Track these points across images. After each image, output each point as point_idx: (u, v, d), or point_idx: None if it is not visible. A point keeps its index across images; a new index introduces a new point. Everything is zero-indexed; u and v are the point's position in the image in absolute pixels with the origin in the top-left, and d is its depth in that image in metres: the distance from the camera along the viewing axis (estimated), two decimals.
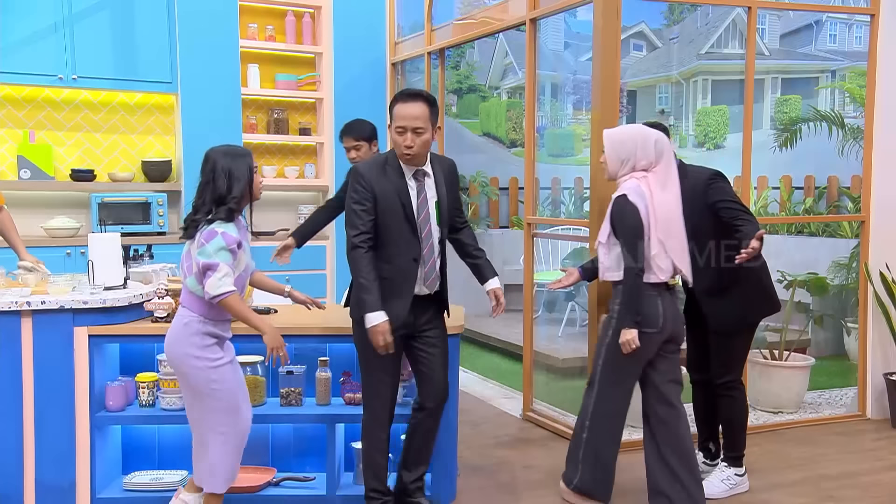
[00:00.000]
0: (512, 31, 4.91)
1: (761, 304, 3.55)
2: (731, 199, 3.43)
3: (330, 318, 3.68)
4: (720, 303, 3.48)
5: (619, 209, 3.12)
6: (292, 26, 6.05)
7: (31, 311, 3.17)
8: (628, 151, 3.18)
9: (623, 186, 3.18)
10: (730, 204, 3.40)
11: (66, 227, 5.23)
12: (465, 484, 3.60)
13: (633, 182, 3.16)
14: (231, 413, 2.87)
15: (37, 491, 3.22)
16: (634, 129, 3.23)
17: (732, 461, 3.62)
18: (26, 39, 5.09)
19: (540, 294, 6.12)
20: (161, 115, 5.79)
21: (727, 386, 3.57)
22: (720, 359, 3.57)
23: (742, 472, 3.62)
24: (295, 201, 6.18)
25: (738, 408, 3.59)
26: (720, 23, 11.83)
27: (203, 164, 2.92)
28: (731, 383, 3.56)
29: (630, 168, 3.19)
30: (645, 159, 3.17)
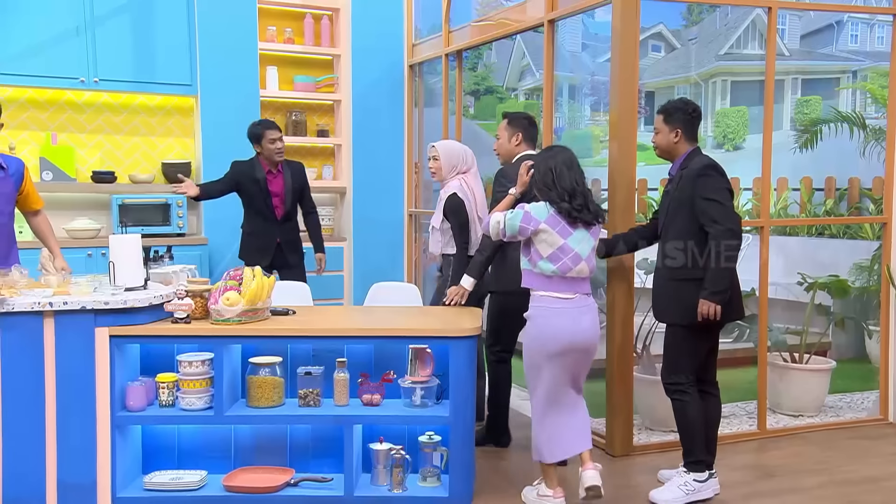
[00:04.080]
0: (529, 33, 4.90)
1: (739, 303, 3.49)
2: (716, 198, 3.34)
3: (348, 320, 3.70)
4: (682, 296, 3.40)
5: (453, 203, 3.99)
6: (311, 28, 6.07)
7: (54, 312, 3.21)
8: (457, 159, 4.07)
9: (450, 185, 4.04)
10: (712, 206, 3.33)
11: (88, 228, 5.28)
12: (483, 486, 3.60)
13: (456, 181, 4.05)
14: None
15: (58, 490, 3.25)
16: (459, 144, 4.24)
17: (691, 466, 3.49)
18: (49, 42, 5.15)
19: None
20: (181, 117, 5.84)
21: (672, 388, 3.50)
22: (668, 355, 3.52)
23: (704, 477, 3.48)
24: None
25: (689, 412, 3.46)
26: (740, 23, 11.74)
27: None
28: (678, 385, 3.48)
29: (456, 171, 4.07)
30: (465, 165, 4.09)
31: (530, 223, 3.23)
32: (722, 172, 3.41)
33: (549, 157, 3.33)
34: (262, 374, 3.42)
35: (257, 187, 4.73)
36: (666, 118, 3.52)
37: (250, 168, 4.76)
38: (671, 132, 3.51)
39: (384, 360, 3.62)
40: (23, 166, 3.75)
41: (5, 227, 3.68)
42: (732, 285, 3.43)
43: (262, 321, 3.44)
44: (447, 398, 3.44)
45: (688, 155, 3.50)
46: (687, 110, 3.51)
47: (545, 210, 3.24)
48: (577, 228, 3.25)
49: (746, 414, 4.74)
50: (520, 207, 3.30)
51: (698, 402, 3.49)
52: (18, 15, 5.06)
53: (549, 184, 3.26)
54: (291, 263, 4.82)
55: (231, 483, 3.39)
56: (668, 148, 3.54)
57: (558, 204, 3.23)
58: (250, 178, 4.74)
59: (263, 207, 4.76)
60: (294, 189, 4.82)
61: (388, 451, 3.41)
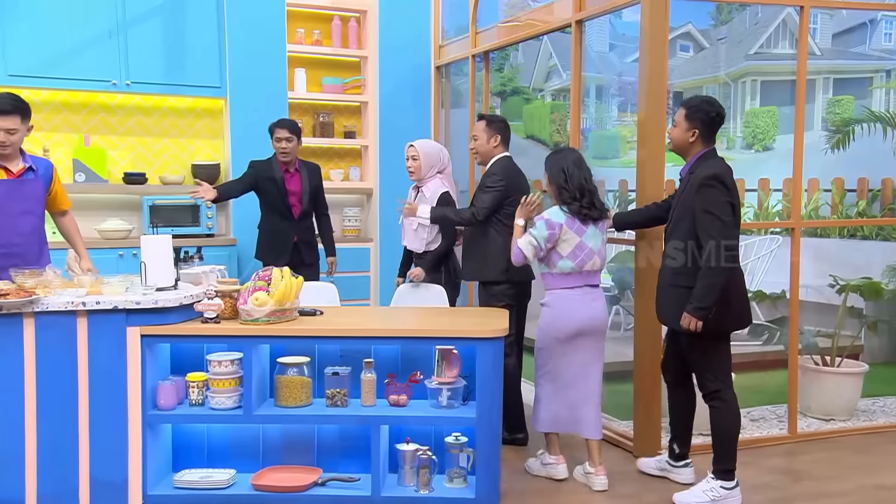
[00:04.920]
0: (556, 33, 4.89)
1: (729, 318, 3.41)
2: (713, 212, 3.29)
3: (375, 320, 3.71)
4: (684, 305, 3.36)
5: (446, 201, 4.25)
6: (338, 30, 6.11)
7: (87, 312, 3.26)
8: (435, 158, 4.31)
9: (433, 184, 4.28)
10: (708, 220, 3.29)
11: (119, 229, 5.36)
12: (509, 488, 3.60)
13: (437, 181, 4.30)
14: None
15: (91, 487, 3.30)
16: (437, 144, 4.47)
17: (720, 474, 3.44)
18: (82, 46, 5.23)
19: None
20: (210, 119, 5.90)
21: (710, 396, 3.47)
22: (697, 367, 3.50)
23: (731, 485, 3.43)
24: (340, 204, 6.24)
25: (724, 420, 3.43)
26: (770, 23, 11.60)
27: None
28: (715, 393, 3.44)
29: (434, 171, 4.29)
30: (441, 164, 4.32)
31: (555, 228, 3.51)
32: (727, 183, 3.33)
33: (559, 158, 3.61)
34: (290, 374, 3.45)
35: (274, 186, 4.78)
36: (688, 114, 3.45)
37: (268, 167, 4.82)
38: (689, 130, 3.45)
39: (411, 360, 3.63)
40: (52, 167, 3.82)
41: (37, 228, 3.74)
42: (738, 295, 3.39)
43: (290, 321, 3.46)
44: (474, 399, 3.45)
45: (700, 157, 3.44)
46: (710, 112, 3.43)
47: (561, 213, 3.53)
48: (588, 225, 3.55)
49: (776, 417, 4.69)
50: (538, 219, 3.56)
51: (735, 408, 3.45)
52: (52, 19, 5.15)
53: (561, 184, 3.55)
54: (307, 262, 4.86)
55: (259, 482, 3.41)
56: (682, 144, 3.49)
57: (570, 204, 3.53)
58: (267, 177, 4.79)
59: (281, 206, 4.81)
60: (311, 188, 4.86)
61: (415, 452, 3.42)
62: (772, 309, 5.56)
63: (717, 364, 3.45)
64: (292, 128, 4.77)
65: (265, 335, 3.37)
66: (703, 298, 3.29)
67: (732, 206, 3.34)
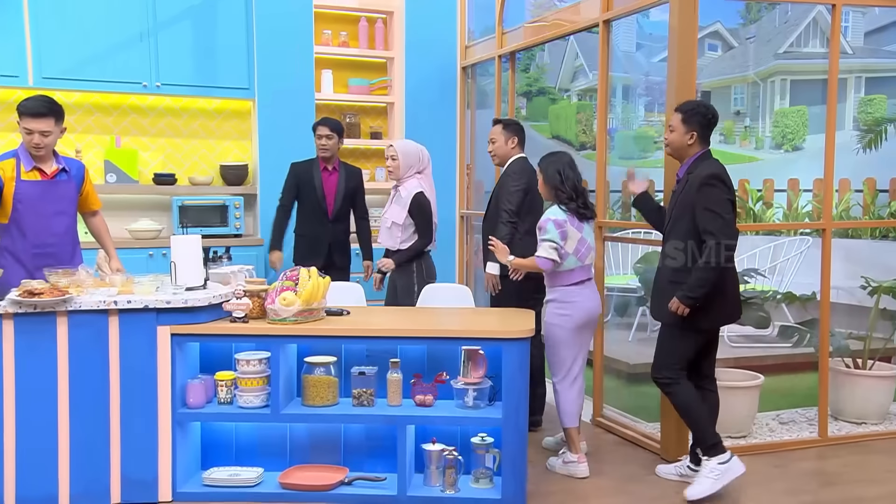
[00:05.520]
0: (583, 33, 4.87)
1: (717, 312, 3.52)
2: (713, 213, 3.38)
3: (401, 320, 3.72)
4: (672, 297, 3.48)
5: (420, 201, 4.28)
6: (365, 32, 6.13)
7: (118, 311, 3.31)
8: (414, 159, 4.34)
9: (410, 184, 4.31)
10: (709, 217, 3.38)
11: (149, 229, 5.42)
12: (535, 489, 3.59)
13: (415, 181, 4.32)
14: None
15: (122, 484, 3.35)
16: (417, 144, 4.42)
17: (709, 452, 3.54)
18: (114, 48, 5.31)
19: (610, 299, 6.05)
20: (238, 120, 5.95)
21: (661, 382, 3.60)
22: (658, 352, 3.62)
23: (726, 457, 3.52)
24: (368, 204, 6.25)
25: (683, 398, 3.55)
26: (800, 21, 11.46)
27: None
28: (667, 379, 3.57)
29: (413, 171, 4.32)
30: (421, 165, 4.36)
31: (562, 225, 3.68)
32: (727, 182, 3.44)
33: (554, 161, 3.80)
34: (318, 374, 3.47)
35: (311, 185, 4.85)
36: (684, 118, 3.55)
37: (307, 166, 4.92)
38: (686, 133, 3.54)
39: (437, 361, 3.64)
40: (83, 168, 3.87)
41: (70, 229, 3.80)
42: (727, 289, 3.49)
43: (317, 321, 3.49)
44: (499, 400, 3.45)
45: (697, 158, 3.53)
46: (707, 115, 3.53)
47: (561, 212, 3.71)
48: (583, 223, 3.75)
49: (807, 420, 4.63)
50: (544, 222, 3.71)
51: (690, 388, 3.57)
52: (84, 22, 5.22)
53: (557, 185, 3.73)
54: (338, 265, 4.88)
55: (287, 480, 3.44)
56: (680, 147, 3.58)
57: (567, 203, 3.72)
58: (306, 177, 4.89)
59: (315, 206, 4.86)
60: (346, 190, 4.89)
61: (441, 452, 3.42)
62: (802, 311, 5.49)
63: (684, 355, 3.57)
64: (333, 126, 4.86)
65: (292, 335, 3.40)
66: (695, 289, 3.41)
67: (732, 204, 3.44)
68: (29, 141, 3.59)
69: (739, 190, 8.04)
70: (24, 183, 3.63)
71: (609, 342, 4.62)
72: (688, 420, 3.59)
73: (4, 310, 3.17)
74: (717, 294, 3.46)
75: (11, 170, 3.62)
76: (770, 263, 6.22)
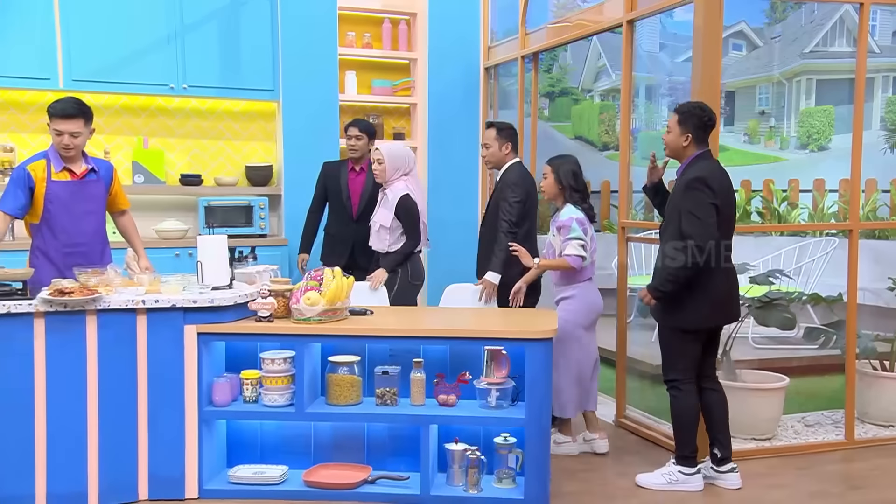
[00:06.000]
0: (606, 33, 4.86)
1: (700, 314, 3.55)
2: (694, 216, 3.44)
3: (424, 320, 3.74)
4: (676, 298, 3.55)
5: (406, 204, 4.25)
6: (388, 33, 6.16)
7: (146, 310, 3.36)
8: (401, 161, 4.30)
9: (397, 186, 4.27)
10: (690, 220, 3.44)
11: (176, 229, 5.49)
12: (558, 489, 3.59)
13: (402, 183, 4.29)
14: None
15: (150, 481, 3.40)
16: (404, 147, 4.44)
17: (679, 460, 3.64)
18: (142, 51, 5.38)
19: (633, 299, 6.03)
20: (263, 121, 6.01)
21: (668, 384, 3.65)
22: (664, 355, 3.69)
23: (691, 471, 3.61)
24: None
25: (678, 406, 3.62)
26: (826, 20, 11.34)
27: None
28: (673, 382, 3.62)
29: (399, 173, 4.29)
30: (407, 167, 4.32)
31: (584, 223, 3.91)
32: (712, 185, 3.46)
33: (566, 162, 4.01)
34: (341, 373, 3.50)
35: (338, 185, 4.94)
36: (680, 120, 3.58)
37: (337, 167, 5.03)
38: (682, 135, 3.58)
39: (460, 360, 3.65)
40: (112, 169, 3.93)
41: (100, 228, 3.86)
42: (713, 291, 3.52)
43: (341, 321, 3.52)
44: (522, 400, 3.45)
45: (692, 160, 3.57)
46: (702, 116, 3.56)
47: (578, 211, 3.91)
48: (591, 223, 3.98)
49: (833, 423, 4.59)
50: (568, 221, 3.89)
51: (691, 399, 3.62)
52: (113, 25, 5.30)
53: (572, 185, 3.94)
54: (362, 265, 4.89)
55: (311, 479, 3.47)
56: (676, 148, 3.63)
57: (580, 205, 3.94)
58: (334, 177, 4.98)
59: (341, 206, 4.94)
60: (373, 191, 4.91)
61: (464, 452, 3.44)
62: (828, 312, 5.44)
63: (684, 356, 3.61)
64: (363, 127, 4.94)
65: (317, 334, 3.43)
66: (664, 283, 3.52)
67: (717, 208, 3.46)
68: (59, 142, 3.65)
69: (764, 190, 7.98)
70: (55, 183, 3.69)
71: (632, 343, 4.61)
72: (679, 424, 3.64)
73: (36, 308, 3.23)
74: (701, 295, 3.51)
75: (42, 170, 3.69)
76: (795, 264, 6.17)
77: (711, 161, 3.59)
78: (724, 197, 3.51)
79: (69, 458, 3.31)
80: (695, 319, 3.56)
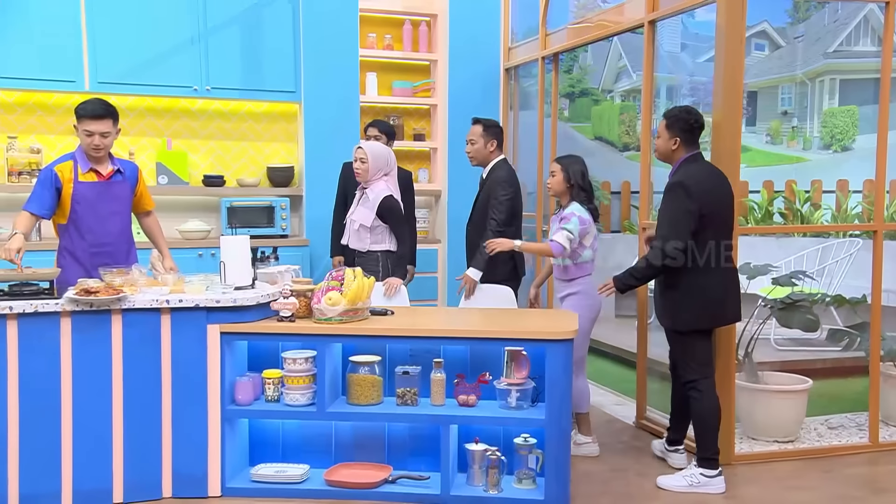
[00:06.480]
0: (626, 34, 4.85)
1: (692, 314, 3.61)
2: (667, 219, 3.55)
3: (444, 321, 3.75)
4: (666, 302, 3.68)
5: (389, 204, 4.25)
6: (409, 35, 6.19)
7: (170, 309, 3.39)
8: (382, 162, 4.30)
9: (379, 186, 4.27)
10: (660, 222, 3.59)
11: (199, 229, 5.55)
12: (578, 490, 3.59)
13: (383, 183, 4.29)
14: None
15: (173, 479, 3.44)
16: (384, 147, 4.42)
17: (702, 462, 3.63)
18: (166, 54, 5.44)
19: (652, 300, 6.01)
20: (285, 122, 6.05)
21: (688, 386, 3.67)
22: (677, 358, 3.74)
23: (713, 473, 3.61)
24: None
25: (699, 408, 3.62)
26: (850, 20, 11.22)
27: None
28: (692, 383, 3.64)
29: (381, 173, 4.29)
30: (388, 168, 4.33)
31: (585, 223, 3.97)
32: (690, 190, 3.52)
33: (575, 161, 4.10)
34: (362, 373, 3.52)
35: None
36: (667, 125, 3.68)
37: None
38: (671, 139, 3.67)
39: (480, 361, 3.66)
40: (137, 170, 3.98)
41: (125, 228, 3.91)
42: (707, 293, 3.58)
43: (362, 321, 3.54)
44: (542, 401, 3.45)
45: (681, 163, 3.66)
46: (689, 120, 3.64)
47: (584, 210, 3.99)
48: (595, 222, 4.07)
49: (856, 426, 4.54)
50: (570, 215, 3.97)
51: (712, 399, 3.62)
52: (138, 28, 5.36)
53: (580, 184, 4.04)
54: None
55: (332, 478, 3.49)
56: (666, 152, 3.72)
57: (586, 204, 4.02)
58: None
59: None
60: None
61: (484, 452, 3.44)
62: (852, 314, 5.38)
63: (693, 356, 3.64)
64: (382, 127, 4.91)
65: (338, 334, 3.45)
66: (627, 278, 3.69)
67: (697, 213, 3.51)
68: (89, 143, 3.70)
69: (786, 191, 7.91)
70: (82, 184, 3.75)
71: (652, 345, 4.59)
72: (701, 424, 3.65)
73: (62, 308, 3.28)
74: (694, 296, 3.58)
75: (69, 171, 3.74)
76: (818, 266, 6.11)
77: (700, 164, 3.66)
78: (714, 199, 3.57)
79: (95, 456, 3.36)
80: (687, 320, 3.62)
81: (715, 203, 3.57)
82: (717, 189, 3.60)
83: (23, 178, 5.31)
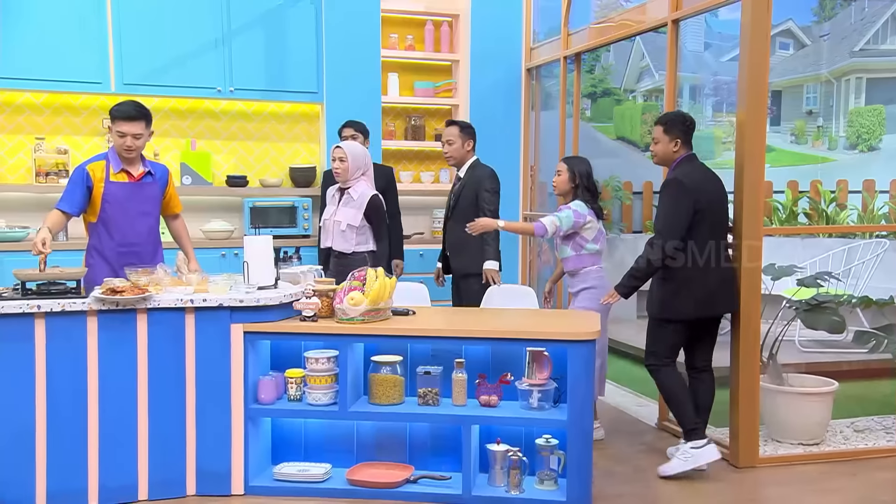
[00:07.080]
0: (649, 33, 4.83)
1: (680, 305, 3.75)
2: (663, 213, 3.73)
3: (466, 321, 3.75)
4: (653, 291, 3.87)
5: (376, 204, 4.24)
6: (431, 35, 6.20)
7: (194, 309, 3.43)
8: (361, 161, 4.28)
9: (361, 186, 4.26)
10: (657, 218, 3.78)
11: (222, 229, 5.59)
12: (600, 491, 3.57)
13: (363, 183, 4.29)
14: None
15: (197, 476, 3.47)
16: (362, 147, 4.41)
17: (688, 435, 3.79)
18: (190, 55, 5.50)
19: None
20: (307, 123, 6.09)
21: (649, 368, 3.89)
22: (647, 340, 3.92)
23: (702, 443, 3.74)
24: (431, 205, 6.32)
25: (664, 383, 3.86)
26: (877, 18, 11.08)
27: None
28: (653, 366, 3.86)
29: (360, 173, 4.27)
30: (366, 167, 4.31)
31: (581, 218, 4.12)
32: (686, 187, 3.69)
33: (582, 162, 4.26)
34: (384, 373, 3.53)
35: None
36: (665, 129, 3.85)
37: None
38: (671, 142, 3.84)
39: (501, 361, 3.66)
40: (167, 172, 4.03)
41: (153, 229, 3.95)
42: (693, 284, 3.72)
43: (383, 321, 3.55)
44: (564, 402, 3.44)
45: (678, 162, 3.82)
46: (685, 121, 3.86)
47: (585, 206, 4.15)
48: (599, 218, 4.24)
49: (883, 429, 4.49)
50: (566, 207, 4.15)
51: (672, 376, 3.84)
52: (163, 30, 5.42)
53: (586, 183, 4.19)
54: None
55: (354, 477, 3.51)
56: (667, 156, 3.87)
57: (590, 203, 4.18)
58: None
59: None
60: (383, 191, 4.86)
61: (506, 453, 3.44)
62: (878, 316, 5.32)
63: (665, 344, 3.84)
64: (356, 126, 4.96)
65: (360, 334, 3.47)
66: (627, 283, 3.82)
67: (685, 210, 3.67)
68: (122, 144, 3.75)
69: (811, 191, 7.83)
70: (113, 184, 3.79)
71: None
72: (670, 404, 3.88)
73: (89, 307, 3.32)
74: (679, 288, 3.73)
75: (101, 171, 3.80)
76: (844, 266, 6.04)
77: (695, 164, 3.83)
78: (708, 197, 3.73)
79: (120, 453, 3.40)
80: (675, 308, 3.77)
81: (709, 201, 3.73)
82: (712, 190, 3.77)
83: (50, 178, 5.38)
